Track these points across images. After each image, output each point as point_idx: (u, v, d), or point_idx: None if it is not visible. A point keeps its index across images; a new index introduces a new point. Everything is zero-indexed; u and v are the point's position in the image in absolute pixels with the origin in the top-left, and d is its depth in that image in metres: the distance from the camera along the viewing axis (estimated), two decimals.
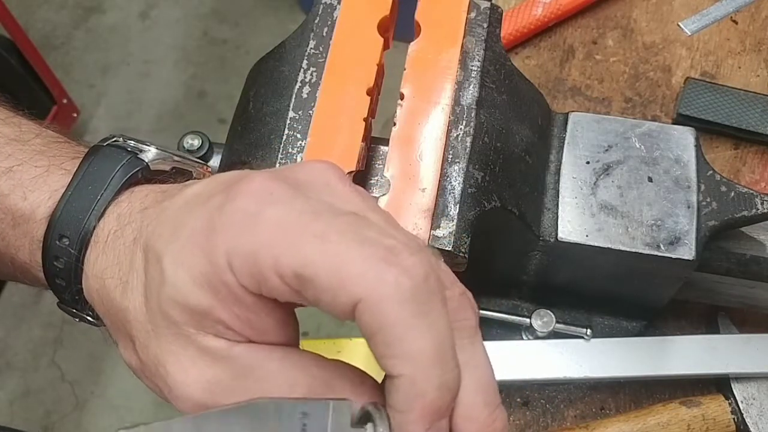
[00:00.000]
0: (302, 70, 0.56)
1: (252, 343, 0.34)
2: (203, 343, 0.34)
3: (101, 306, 0.39)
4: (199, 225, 0.34)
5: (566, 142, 0.60)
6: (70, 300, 0.41)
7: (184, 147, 0.62)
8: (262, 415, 0.32)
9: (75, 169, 0.41)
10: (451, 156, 0.54)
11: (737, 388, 0.64)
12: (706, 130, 0.76)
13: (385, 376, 0.32)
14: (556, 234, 0.57)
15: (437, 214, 0.52)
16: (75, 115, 2.03)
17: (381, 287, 0.30)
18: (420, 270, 0.31)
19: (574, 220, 0.57)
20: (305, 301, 0.33)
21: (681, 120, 0.76)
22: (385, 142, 0.56)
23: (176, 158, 0.46)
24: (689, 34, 0.77)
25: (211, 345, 0.34)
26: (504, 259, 0.62)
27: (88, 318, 0.42)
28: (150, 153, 0.43)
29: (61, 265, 0.40)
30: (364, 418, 0.33)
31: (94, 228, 0.39)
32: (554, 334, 0.65)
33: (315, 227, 0.32)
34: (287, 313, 0.35)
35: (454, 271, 0.53)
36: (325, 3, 0.59)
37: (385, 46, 0.58)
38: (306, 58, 0.57)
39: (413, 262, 0.31)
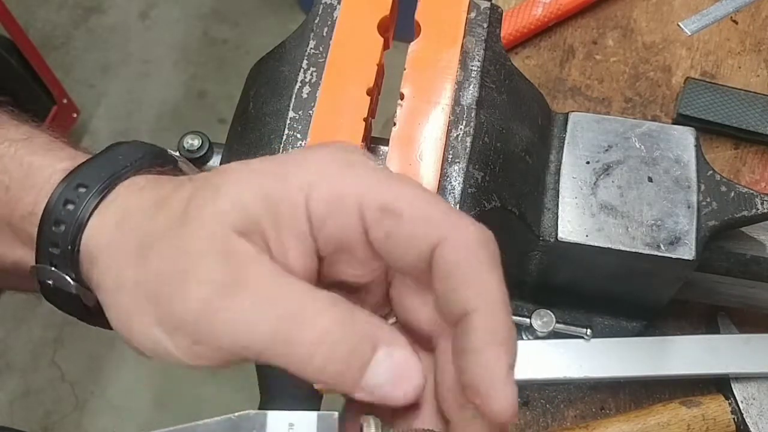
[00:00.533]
0: (302, 70, 0.56)
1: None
2: (235, 244, 0.33)
3: (113, 231, 0.36)
4: (270, 162, 0.35)
5: (566, 142, 0.60)
6: (58, 255, 0.38)
7: (184, 147, 0.62)
8: (251, 426, 0.33)
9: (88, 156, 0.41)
10: (451, 156, 0.54)
11: (737, 388, 0.64)
12: (706, 130, 0.76)
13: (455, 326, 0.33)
14: (556, 234, 0.57)
15: None
16: (75, 115, 2.03)
17: (465, 232, 0.33)
18: (489, 232, 0.34)
19: (574, 220, 0.57)
20: (374, 243, 0.34)
21: (681, 120, 0.76)
22: (385, 142, 0.56)
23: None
24: (689, 34, 0.77)
25: (241, 249, 0.33)
26: (504, 259, 0.62)
27: (67, 278, 0.38)
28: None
29: (70, 207, 0.37)
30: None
31: (123, 177, 0.38)
32: (554, 334, 0.65)
33: (396, 177, 0.34)
34: (315, 282, 0.35)
35: None
36: (325, 3, 0.59)
37: (385, 46, 0.58)
38: (306, 58, 0.57)
39: (481, 226, 0.34)
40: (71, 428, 1.76)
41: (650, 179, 0.58)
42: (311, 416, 0.34)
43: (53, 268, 0.38)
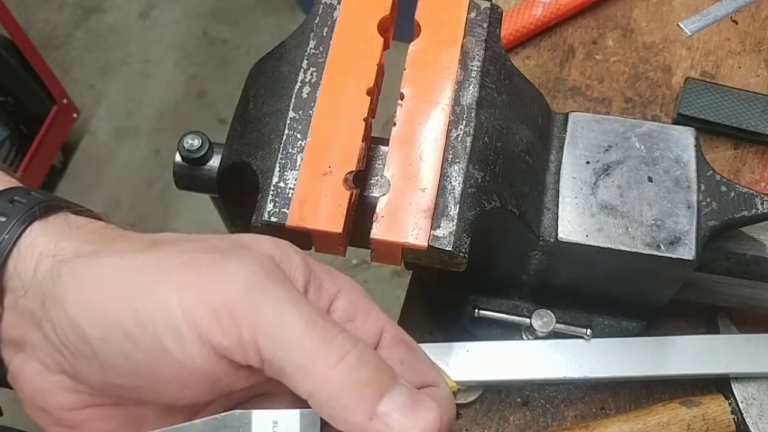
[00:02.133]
0: (302, 70, 0.56)
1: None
2: None
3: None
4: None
5: (566, 142, 0.60)
6: None
7: (184, 147, 0.62)
8: (237, 425, 0.33)
9: None
10: (451, 156, 0.54)
11: (737, 388, 0.64)
12: (706, 130, 0.76)
13: None
14: (556, 234, 0.57)
15: (437, 214, 0.52)
16: (75, 115, 2.02)
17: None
18: None
19: (574, 220, 0.57)
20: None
21: (681, 120, 0.76)
22: (385, 142, 0.56)
23: None
24: (689, 34, 0.77)
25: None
26: (504, 259, 0.62)
27: None
28: None
29: None
30: None
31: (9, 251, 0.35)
32: (554, 334, 0.65)
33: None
34: None
35: (454, 271, 0.54)
36: (325, 3, 0.59)
37: (385, 46, 0.58)
38: (306, 58, 0.57)
39: None
40: None
41: (650, 179, 0.58)
42: (294, 414, 0.34)
43: None
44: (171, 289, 0.31)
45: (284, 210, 0.52)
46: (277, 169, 0.53)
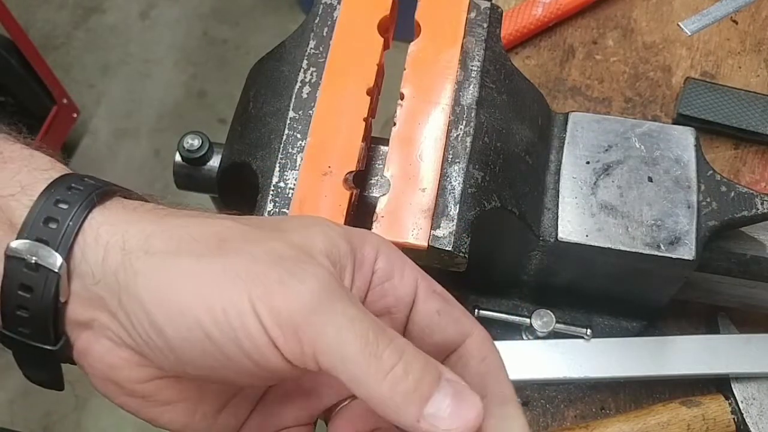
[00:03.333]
0: (302, 70, 0.56)
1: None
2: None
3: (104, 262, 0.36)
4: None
5: (566, 142, 0.60)
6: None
7: (184, 147, 0.62)
8: None
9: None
10: (451, 156, 0.54)
11: (737, 388, 0.64)
12: (706, 130, 0.76)
13: None
14: (556, 234, 0.57)
15: (437, 214, 0.52)
16: (75, 115, 2.02)
17: (485, 333, 0.39)
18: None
19: (574, 220, 0.57)
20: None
21: (681, 120, 0.76)
22: (385, 142, 0.56)
23: None
24: (689, 34, 0.77)
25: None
26: (504, 259, 0.62)
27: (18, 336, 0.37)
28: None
29: (53, 224, 0.36)
30: None
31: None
32: (554, 334, 0.65)
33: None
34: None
35: (454, 271, 0.54)
36: (325, 3, 0.59)
37: (385, 46, 0.58)
38: (306, 58, 0.57)
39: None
40: (71, 428, 1.76)
41: (650, 179, 0.58)
42: None
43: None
44: (245, 299, 0.34)
45: (284, 210, 0.52)
46: (277, 169, 0.53)
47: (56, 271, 0.35)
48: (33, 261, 0.35)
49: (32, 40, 1.86)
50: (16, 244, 0.36)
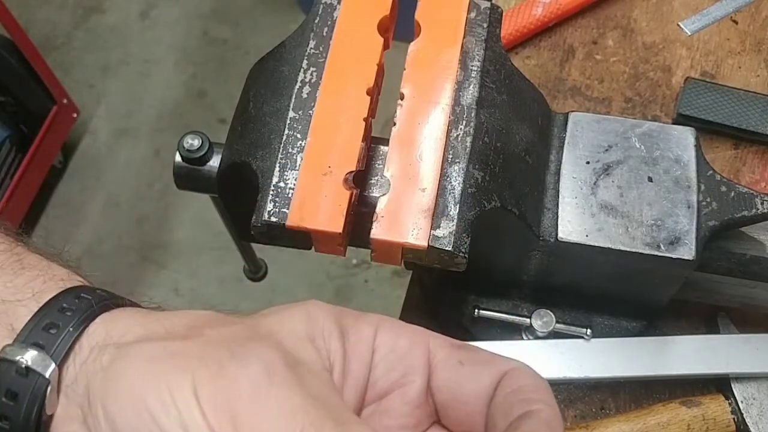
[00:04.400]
0: (302, 70, 0.56)
1: None
2: None
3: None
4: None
5: (566, 142, 0.60)
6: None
7: (184, 147, 0.62)
8: None
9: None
10: (451, 156, 0.54)
11: (737, 388, 0.64)
12: (706, 130, 0.76)
13: None
14: (556, 234, 0.57)
15: (437, 214, 0.52)
16: (75, 115, 2.03)
17: (521, 364, 0.38)
18: None
19: (574, 220, 0.57)
20: None
21: (681, 120, 0.76)
22: (385, 142, 0.56)
23: None
24: (689, 34, 0.77)
25: None
26: (504, 259, 0.62)
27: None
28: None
29: (53, 330, 0.35)
30: None
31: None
32: (554, 334, 0.65)
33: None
34: None
35: (454, 271, 0.54)
36: (325, 3, 0.59)
37: (385, 46, 0.58)
38: (306, 58, 0.57)
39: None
40: None
41: (650, 179, 0.58)
42: None
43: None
44: (189, 382, 0.32)
45: (284, 210, 0.52)
46: (277, 169, 0.53)
47: (46, 376, 0.34)
48: (24, 365, 0.34)
49: (32, 40, 1.86)
50: (10, 347, 0.35)
